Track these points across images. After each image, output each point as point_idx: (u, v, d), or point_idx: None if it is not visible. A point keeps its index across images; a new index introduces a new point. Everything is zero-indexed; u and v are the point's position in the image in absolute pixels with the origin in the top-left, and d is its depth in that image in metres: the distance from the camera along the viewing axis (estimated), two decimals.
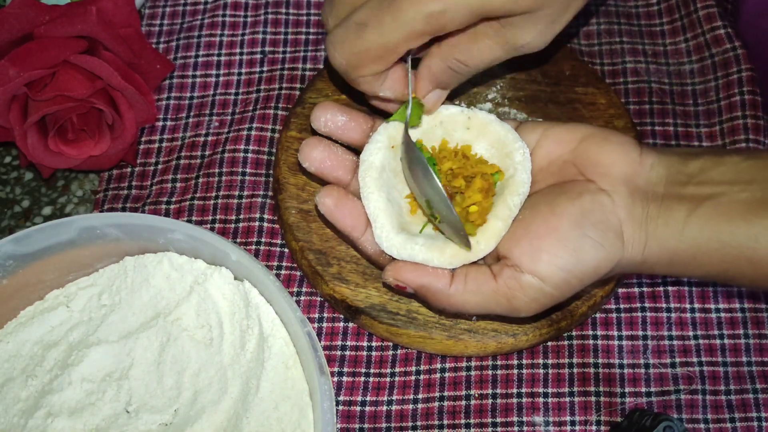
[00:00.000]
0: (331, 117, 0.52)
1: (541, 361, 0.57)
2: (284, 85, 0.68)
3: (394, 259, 0.50)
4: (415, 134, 0.52)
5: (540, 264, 0.46)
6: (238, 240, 0.62)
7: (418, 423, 0.55)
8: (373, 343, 0.58)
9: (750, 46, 0.68)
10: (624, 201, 0.47)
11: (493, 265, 0.48)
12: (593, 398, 0.56)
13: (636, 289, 0.60)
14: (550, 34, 0.48)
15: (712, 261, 0.45)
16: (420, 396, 0.56)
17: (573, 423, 0.55)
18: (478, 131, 0.52)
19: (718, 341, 0.58)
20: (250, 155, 0.64)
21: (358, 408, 0.56)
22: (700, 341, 0.58)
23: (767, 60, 0.69)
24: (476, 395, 0.56)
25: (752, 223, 0.44)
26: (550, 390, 0.56)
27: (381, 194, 0.50)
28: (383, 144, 0.51)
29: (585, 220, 0.46)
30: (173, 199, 0.63)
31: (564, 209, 0.47)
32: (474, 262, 0.49)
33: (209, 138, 0.66)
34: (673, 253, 0.46)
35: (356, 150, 0.53)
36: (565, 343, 0.58)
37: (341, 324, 0.59)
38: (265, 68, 0.69)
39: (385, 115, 0.53)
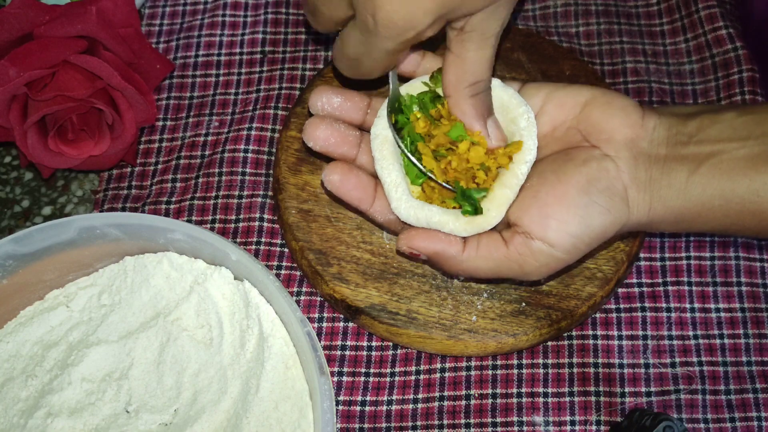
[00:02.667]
0: (326, 100, 0.53)
1: (541, 361, 0.57)
2: (284, 85, 0.68)
3: (404, 224, 0.51)
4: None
5: (549, 231, 0.48)
6: (238, 240, 0.62)
7: (418, 423, 0.55)
8: (373, 343, 0.58)
9: (761, 48, 0.67)
10: (628, 166, 0.48)
11: (503, 231, 0.50)
12: (593, 398, 0.56)
13: (636, 289, 0.60)
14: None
15: (716, 217, 0.47)
16: (420, 396, 0.56)
17: (573, 423, 0.55)
18: None
19: (718, 341, 0.58)
20: (250, 155, 0.64)
21: (358, 408, 0.56)
22: (700, 341, 0.58)
23: None
24: (476, 395, 0.56)
25: (753, 178, 0.46)
26: (550, 390, 0.56)
27: (396, 165, 0.51)
28: None
29: (591, 186, 0.48)
30: (173, 199, 0.63)
31: (571, 176, 0.48)
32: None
33: (209, 138, 0.66)
34: (677, 213, 0.48)
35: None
36: (565, 343, 0.58)
37: (341, 324, 0.59)
38: (265, 68, 0.69)
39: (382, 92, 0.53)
